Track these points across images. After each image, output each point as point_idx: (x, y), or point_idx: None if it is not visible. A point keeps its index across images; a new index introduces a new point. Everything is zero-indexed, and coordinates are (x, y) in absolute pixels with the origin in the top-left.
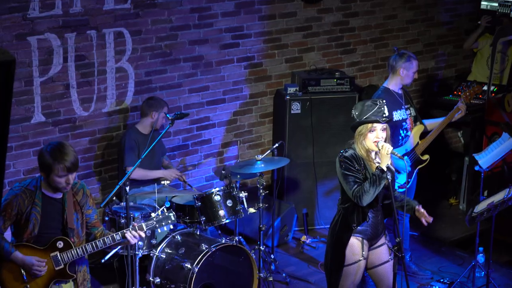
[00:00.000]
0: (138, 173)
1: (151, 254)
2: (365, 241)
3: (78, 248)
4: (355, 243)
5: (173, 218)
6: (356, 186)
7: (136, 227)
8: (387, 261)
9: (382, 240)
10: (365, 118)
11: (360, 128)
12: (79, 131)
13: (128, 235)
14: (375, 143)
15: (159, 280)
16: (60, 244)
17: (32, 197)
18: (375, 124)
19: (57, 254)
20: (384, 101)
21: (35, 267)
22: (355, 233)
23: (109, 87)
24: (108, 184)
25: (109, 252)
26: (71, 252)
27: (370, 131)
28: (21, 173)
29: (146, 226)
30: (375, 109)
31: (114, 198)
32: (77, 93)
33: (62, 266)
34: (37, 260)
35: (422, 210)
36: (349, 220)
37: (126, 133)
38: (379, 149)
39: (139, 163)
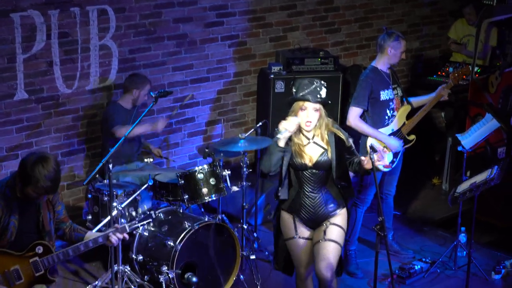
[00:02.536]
0: (122, 131)
1: (134, 232)
2: (298, 219)
3: (60, 252)
4: (285, 219)
5: (153, 217)
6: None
7: (119, 229)
8: (319, 241)
9: (325, 222)
10: (300, 95)
11: (293, 105)
12: (62, 108)
13: (113, 238)
14: (307, 123)
15: (142, 257)
16: (39, 249)
17: (10, 205)
18: (306, 103)
19: (37, 259)
20: (324, 82)
21: None
22: (285, 209)
23: (92, 65)
24: (91, 162)
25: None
26: (52, 258)
27: (301, 109)
28: (3, 151)
29: (129, 227)
30: (310, 88)
31: (97, 175)
32: (61, 71)
33: (42, 272)
34: None
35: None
36: (276, 192)
37: (109, 107)
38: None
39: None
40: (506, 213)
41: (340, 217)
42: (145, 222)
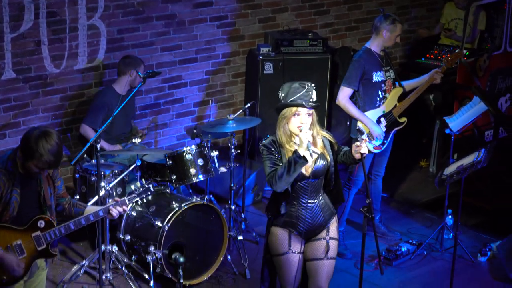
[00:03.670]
0: (88, 132)
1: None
2: (294, 233)
3: (61, 226)
4: (279, 235)
5: (152, 190)
6: (271, 170)
7: (119, 202)
8: (321, 259)
9: (323, 233)
10: (291, 101)
11: (284, 111)
12: (50, 88)
13: (114, 212)
14: (299, 127)
15: (129, 237)
16: (41, 224)
17: (12, 179)
18: (300, 108)
19: (39, 234)
20: (313, 85)
21: (14, 269)
22: (279, 224)
23: (80, 45)
24: (79, 142)
25: None
26: (54, 232)
27: (294, 115)
28: None
29: (129, 201)
30: (302, 92)
31: (85, 155)
32: (48, 50)
33: (44, 246)
34: (16, 263)
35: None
36: (269, 208)
37: (101, 92)
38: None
39: (110, 121)
40: (493, 195)
41: (336, 226)
42: (144, 195)
